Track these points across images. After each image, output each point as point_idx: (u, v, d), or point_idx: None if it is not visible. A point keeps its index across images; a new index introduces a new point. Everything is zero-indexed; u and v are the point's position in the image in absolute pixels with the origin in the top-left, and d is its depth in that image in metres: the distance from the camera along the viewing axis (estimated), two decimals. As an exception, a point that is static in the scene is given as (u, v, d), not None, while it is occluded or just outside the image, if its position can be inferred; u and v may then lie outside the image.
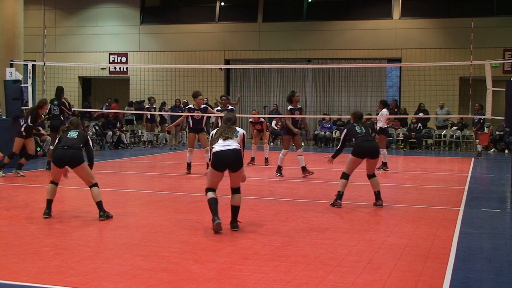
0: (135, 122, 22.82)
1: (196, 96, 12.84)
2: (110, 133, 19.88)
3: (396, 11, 23.74)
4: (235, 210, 6.99)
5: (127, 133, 21.08)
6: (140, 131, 22.19)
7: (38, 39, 21.15)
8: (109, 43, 26.29)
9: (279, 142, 22.65)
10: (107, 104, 23.52)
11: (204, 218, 7.28)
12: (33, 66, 16.58)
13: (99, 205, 7.50)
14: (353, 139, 8.76)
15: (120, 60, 26.11)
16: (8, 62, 15.11)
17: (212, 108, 14.47)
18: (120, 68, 26.22)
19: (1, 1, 17.66)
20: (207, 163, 10.16)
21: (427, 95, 21.11)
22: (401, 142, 21.54)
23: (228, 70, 25.12)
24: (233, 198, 6.99)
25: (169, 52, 25.61)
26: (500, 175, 13.23)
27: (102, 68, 26.12)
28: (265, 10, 25.23)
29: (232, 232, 6.84)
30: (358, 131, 8.76)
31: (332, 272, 5.27)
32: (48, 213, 7.55)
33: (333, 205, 8.63)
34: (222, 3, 25.88)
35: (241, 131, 7.15)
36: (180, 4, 26.52)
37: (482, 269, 5.52)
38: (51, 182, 7.66)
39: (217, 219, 6.77)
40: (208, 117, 13.19)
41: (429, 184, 11.66)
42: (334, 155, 9.13)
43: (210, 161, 7.04)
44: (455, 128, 21.52)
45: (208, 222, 7.18)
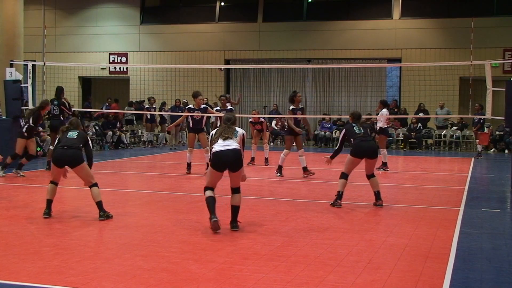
0: (135, 122, 22.82)
1: (196, 96, 12.85)
2: (110, 133, 19.88)
3: (396, 11, 23.74)
4: (235, 210, 6.99)
5: (127, 133, 21.08)
6: (140, 131, 22.19)
7: (38, 39, 21.16)
8: (109, 43, 26.29)
9: (279, 142, 22.66)
10: (107, 104, 23.52)
11: (204, 218, 7.27)
12: (33, 66, 16.58)
13: (99, 205, 7.50)
14: (352, 139, 8.77)
15: (120, 60, 26.12)
16: (8, 62, 15.10)
17: (212, 108, 14.48)
18: (120, 68, 26.23)
19: (1, 1, 17.66)
20: (207, 163, 10.17)
21: (427, 95, 21.11)
22: (401, 142, 21.54)
23: (228, 70, 25.12)
24: (233, 198, 6.99)
25: (169, 52, 25.61)
26: (500, 175, 13.22)
27: (102, 68, 26.12)
28: (265, 10, 25.23)
29: (232, 232, 6.84)
30: (357, 131, 8.77)
31: (332, 272, 5.27)
32: (48, 213, 7.55)
33: (333, 205, 8.64)
34: (222, 3, 25.88)
35: (241, 131, 7.15)
36: (180, 4, 26.52)
37: (482, 269, 5.52)
38: (51, 182, 7.66)
39: (214, 218, 6.77)
40: (208, 117, 13.19)
41: (429, 184, 11.66)
42: (333, 156, 9.13)
43: (210, 161, 7.05)
44: (455, 128, 21.52)
45: (208, 222, 7.19)
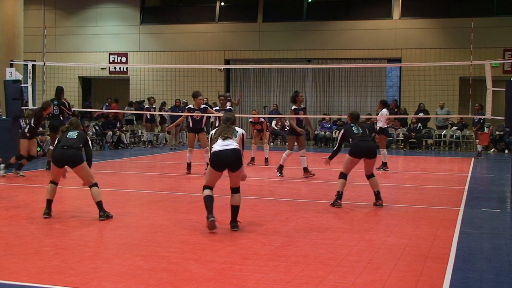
0: (135, 122, 22.82)
1: (196, 96, 12.86)
2: (110, 133, 19.89)
3: (396, 11, 23.74)
4: (235, 210, 6.99)
5: (127, 133, 21.08)
6: (140, 131, 22.19)
7: (38, 39, 21.16)
8: (109, 43, 26.30)
9: (279, 142, 22.67)
10: (107, 104, 23.52)
11: (204, 218, 7.26)
12: (33, 66, 16.58)
13: (99, 205, 7.50)
14: (350, 140, 8.78)
15: (120, 60, 26.12)
16: (8, 62, 15.11)
17: (212, 108, 14.48)
18: (120, 68, 26.23)
19: (1, 1, 17.66)
20: (207, 163, 10.16)
21: (427, 95, 21.11)
22: (401, 142, 21.54)
23: (228, 70, 25.12)
24: (233, 198, 6.99)
25: (169, 52, 25.62)
26: (500, 175, 13.22)
27: (102, 68, 26.12)
28: (265, 10, 25.24)
29: (232, 232, 6.83)
30: (355, 132, 8.78)
31: (332, 272, 5.27)
32: (48, 213, 7.55)
33: (333, 205, 8.64)
34: (222, 3, 25.88)
35: (240, 131, 7.15)
36: (180, 4, 26.52)
37: (482, 269, 5.52)
38: (51, 182, 7.66)
39: (212, 217, 6.77)
40: (208, 117, 13.20)
41: (429, 184, 11.66)
42: (331, 156, 9.12)
43: (209, 160, 7.05)
44: (455, 128, 21.52)
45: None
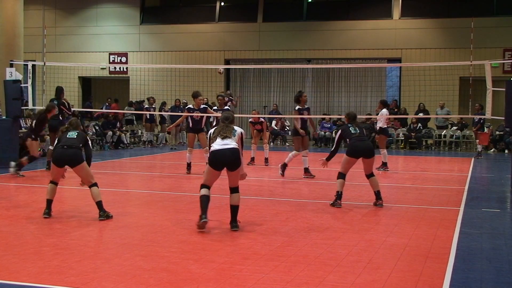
0: (135, 122, 22.83)
1: (196, 97, 12.87)
2: (110, 133, 19.89)
3: (396, 11, 23.74)
4: (234, 210, 6.98)
5: (127, 133, 21.08)
6: (140, 131, 22.19)
7: (38, 39, 21.16)
8: (109, 43, 26.30)
9: (279, 142, 22.67)
10: (107, 104, 23.53)
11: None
12: (33, 66, 16.59)
13: (99, 205, 7.50)
14: (348, 140, 8.79)
15: (120, 60, 26.12)
16: (8, 62, 15.12)
17: (211, 108, 14.49)
18: (120, 68, 26.23)
19: (1, 1, 17.67)
20: (207, 163, 10.15)
21: (427, 95, 21.11)
22: (401, 142, 21.55)
23: (228, 70, 25.11)
24: (232, 198, 6.99)
25: (169, 52, 25.62)
26: (500, 175, 13.22)
27: (102, 68, 26.12)
28: (265, 10, 25.24)
29: (232, 232, 6.83)
30: (353, 132, 8.78)
31: (332, 272, 5.27)
32: (48, 213, 7.55)
33: (333, 205, 8.64)
34: (222, 3, 25.89)
35: (239, 130, 7.14)
36: (180, 4, 26.52)
37: (482, 269, 5.51)
38: (51, 182, 7.66)
39: (204, 218, 6.77)
40: (208, 117, 13.21)
41: (429, 184, 11.66)
42: (329, 157, 9.12)
43: (208, 159, 7.04)
44: (455, 128, 21.52)
45: (208, 222, 7.19)
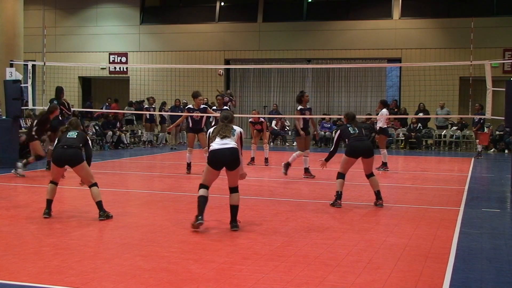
0: (135, 122, 22.83)
1: (196, 97, 12.87)
2: (110, 133, 19.89)
3: (396, 11, 23.74)
4: (234, 210, 6.98)
5: (127, 133, 21.08)
6: (140, 131, 22.19)
7: (38, 39, 21.16)
8: (109, 43, 26.30)
9: (279, 142, 22.67)
10: (107, 104, 23.53)
11: (204, 218, 7.27)
12: (33, 66, 16.59)
13: (99, 205, 7.50)
14: (347, 140, 8.79)
15: (120, 60, 26.12)
16: (8, 62, 15.12)
17: (210, 108, 14.50)
18: (120, 68, 26.23)
19: (1, 1, 17.67)
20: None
21: (427, 95, 21.11)
22: (401, 142, 21.54)
23: (228, 70, 25.11)
24: (232, 198, 6.99)
25: (169, 52, 25.62)
26: (500, 175, 13.23)
27: (102, 68, 26.12)
28: (265, 10, 25.23)
29: (232, 232, 6.83)
30: (351, 132, 8.78)
31: (332, 272, 5.27)
32: (48, 213, 7.55)
33: (333, 205, 8.63)
34: (222, 3, 25.88)
35: (238, 130, 7.13)
36: (180, 4, 26.52)
37: (482, 269, 5.51)
38: (51, 182, 7.66)
39: (201, 220, 6.77)
40: (208, 117, 13.22)
41: (429, 184, 11.66)
42: (328, 158, 9.12)
43: (207, 159, 7.04)
44: (455, 128, 21.52)
45: (207, 222, 7.19)
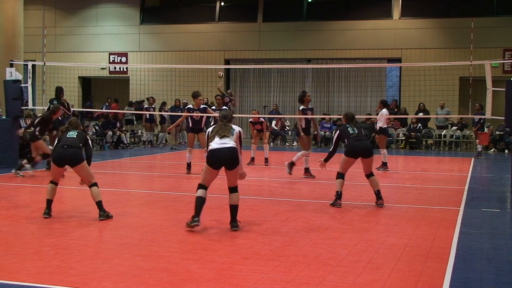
0: (135, 122, 22.83)
1: (196, 97, 12.88)
2: (110, 133, 19.89)
3: (396, 11, 23.74)
4: (234, 210, 6.98)
5: (127, 133, 21.08)
6: (140, 131, 22.20)
7: (38, 39, 21.16)
8: (109, 43, 26.30)
9: (279, 142, 22.67)
10: (107, 104, 23.53)
11: (204, 218, 7.27)
12: (33, 66, 16.59)
13: (99, 205, 7.50)
14: (346, 140, 8.78)
15: (120, 60, 26.12)
16: (8, 62, 15.13)
17: (210, 108, 14.51)
18: (120, 68, 26.23)
19: (1, 1, 17.67)
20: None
21: (427, 95, 21.12)
22: (401, 142, 21.54)
23: (228, 70, 25.11)
24: (231, 198, 6.98)
25: (169, 52, 25.62)
26: (500, 175, 13.23)
27: (102, 68, 26.12)
28: (265, 10, 25.23)
29: (232, 232, 6.83)
30: (351, 132, 8.78)
31: (332, 272, 5.27)
32: (48, 213, 7.55)
33: (333, 205, 8.63)
34: (222, 3, 25.88)
35: (237, 129, 7.12)
36: (180, 4, 26.52)
37: (482, 269, 5.51)
38: (51, 182, 7.65)
39: (197, 222, 6.76)
40: (208, 117, 13.22)
41: (429, 184, 11.66)
42: (327, 158, 9.11)
43: (206, 158, 7.03)
44: (455, 128, 21.52)
45: (207, 221, 7.21)
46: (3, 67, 15.02)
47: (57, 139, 7.84)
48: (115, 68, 26.30)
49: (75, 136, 7.67)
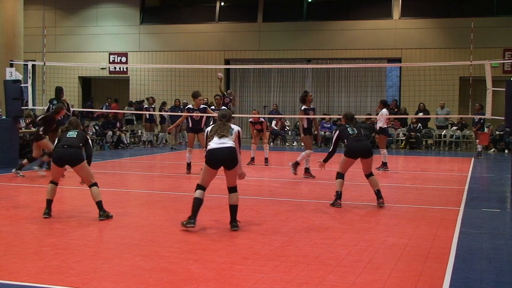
0: (135, 122, 22.83)
1: (196, 97, 12.88)
2: (110, 133, 19.89)
3: (396, 11, 23.74)
4: (233, 210, 6.97)
5: (127, 133, 21.08)
6: (140, 131, 22.20)
7: (38, 39, 21.17)
8: (109, 43, 26.30)
9: (279, 142, 22.67)
10: (107, 104, 23.52)
11: (203, 218, 7.28)
12: (33, 66, 16.59)
13: (99, 205, 7.50)
14: (345, 140, 8.78)
15: (120, 60, 26.12)
16: (8, 62, 15.12)
17: (210, 108, 14.51)
18: (120, 68, 26.23)
19: (1, 1, 17.67)
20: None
21: (427, 95, 21.12)
22: (401, 142, 21.54)
23: (228, 70, 25.11)
24: (231, 198, 6.98)
25: (169, 52, 25.61)
26: (500, 175, 13.23)
27: (102, 68, 26.12)
28: (265, 10, 25.24)
29: (232, 232, 6.83)
30: (350, 132, 8.78)
31: (332, 272, 5.27)
32: (48, 213, 7.55)
33: (333, 205, 8.63)
34: (222, 3, 25.89)
35: (236, 129, 7.10)
36: (180, 4, 26.52)
37: (482, 269, 5.51)
38: (51, 182, 7.65)
39: (193, 223, 6.76)
40: (208, 117, 13.22)
41: (429, 184, 11.66)
42: (326, 159, 9.11)
43: (205, 158, 7.02)
44: (455, 128, 21.52)
45: (207, 222, 7.21)
46: (3, 67, 15.02)
47: (57, 139, 7.84)
48: (115, 68, 26.31)
49: (75, 136, 7.67)
